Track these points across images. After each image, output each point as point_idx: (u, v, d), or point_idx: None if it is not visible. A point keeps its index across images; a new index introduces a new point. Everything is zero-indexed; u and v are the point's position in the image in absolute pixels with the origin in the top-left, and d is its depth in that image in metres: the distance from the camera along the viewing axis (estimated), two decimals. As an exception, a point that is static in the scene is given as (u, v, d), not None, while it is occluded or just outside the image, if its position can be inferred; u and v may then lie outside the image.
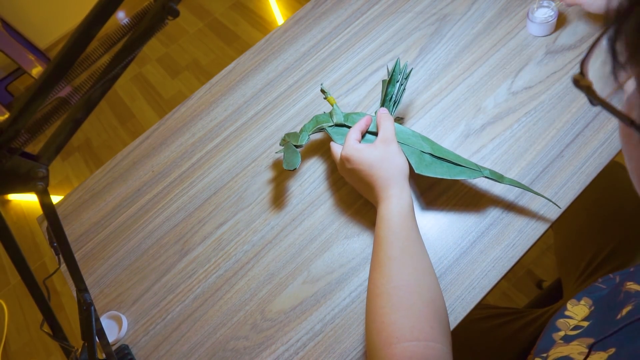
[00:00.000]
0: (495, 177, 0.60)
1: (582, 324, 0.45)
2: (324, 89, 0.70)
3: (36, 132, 0.35)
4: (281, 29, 0.92)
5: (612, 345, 0.39)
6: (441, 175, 0.60)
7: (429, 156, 0.62)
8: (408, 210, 0.55)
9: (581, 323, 0.45)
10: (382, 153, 0.59)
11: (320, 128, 0.69)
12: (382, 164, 0.58)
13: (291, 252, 0.67)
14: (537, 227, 0.61)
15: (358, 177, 0.60)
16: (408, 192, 0.57)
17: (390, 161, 0.58)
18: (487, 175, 0.60)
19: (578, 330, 0.44)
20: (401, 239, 0.52)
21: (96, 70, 0.36)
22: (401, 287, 0.48)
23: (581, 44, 0.73)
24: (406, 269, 0.50)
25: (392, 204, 0.55)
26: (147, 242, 0.74)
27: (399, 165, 0.58)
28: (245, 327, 0.63)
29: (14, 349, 1.66)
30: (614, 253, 0.73)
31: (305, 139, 0.69)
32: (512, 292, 1.30)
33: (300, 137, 0.69)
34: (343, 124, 0.68)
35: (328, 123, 0.69)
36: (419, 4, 0.86)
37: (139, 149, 0.84)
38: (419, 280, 0.49)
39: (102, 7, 0.32)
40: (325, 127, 0.69)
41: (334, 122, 0.68)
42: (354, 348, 0.58)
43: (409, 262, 0.51)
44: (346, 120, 0.68)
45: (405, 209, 0.55)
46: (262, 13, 2.30)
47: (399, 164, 0.58)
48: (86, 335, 0.52)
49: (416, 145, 0.63)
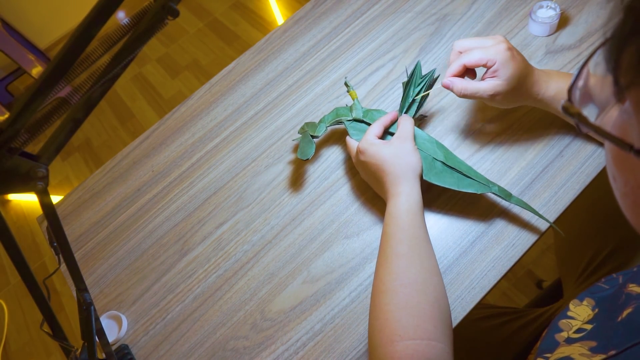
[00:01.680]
0: (504, 194, 0.60)
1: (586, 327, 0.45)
2: (348, 83, 0.70)
3: (36, 132, 0.35)
4: (281, 28, 0.92)
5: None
6: (449, 185, 0.60)
7: (440, 164, 0.62)
8: (417, 208, 0.55)
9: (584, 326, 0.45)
10: (396, 150, 0.59)
11: (338, 121, 0.70)
12: (394, 160, 0.58)
13: (291, 252, 0.67)
14: (537, 227, 0.61)
15: (370, 171, 0.61)
16: (418, 190, 0.57)
17: (402, 158, 0.58)
18: (495, 192, 0.60)
19: (581, 333, 0.44)
20: (409, 236, 0.53)
21: (96, 70, 0.36)
22: (407, 285, 0.49)
23: (581, 44, 0.73)
24: (413, 267, 0.50)
25: (401, 201, 0.55)
26: (147, 242, 0.74)
27: (412, 163, 0.58)
28: (245, 327, 0.63)
29: (14, 349, 1.66)
30: (614, 253, 0.73)
31: (323, 130, 0.69)
32: (512, 292, 1.30)
33: (318, 127, 0.70)
34: (362, 119, 0.68)
35: (347, 117, 0.69)
36: (419, 4, 0.86)
37: (139, 149, 0.84)
38: (425, 279, 0.50)
39: (102, 7, 0.32)
40: (343, 120, 0.69)
41: (352, 116, 0.69)
42: (354, 348, 0.58)
43: (416, 260, 0.51)
44: (365, 117, 0.68)
45: (414, 207, 0.55)
46: (262, 13, 2.30)
47: (412, 162, 0.58)
48: (86, 335, 0.52)
49: (430, 151, 0.62)
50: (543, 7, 0.75)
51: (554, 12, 0.74)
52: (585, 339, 0.43)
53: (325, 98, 0.80)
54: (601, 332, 0.43)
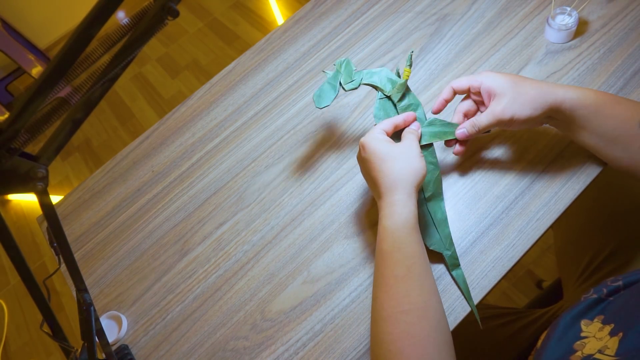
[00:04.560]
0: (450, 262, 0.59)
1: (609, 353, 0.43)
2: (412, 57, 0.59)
3: (36, 132, 0.35)
4: (281, 28, 0.92)
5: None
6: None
7: (422, 198, 0.59)
8: (414, 221, 0.52)
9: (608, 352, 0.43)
10: (399, 151, 0.54)
11: (375, 87, 0.61)
12: (394, 162, 0.53)
13: (291, 252, 0.67)
14: (537, 227, 0.61)
15: (368, 169, 0.56)
16: (414, 200, 0.52)
17: (405, 161, 0.53)
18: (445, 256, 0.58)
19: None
20: (407, 255, 0.50)
21: (96, 70, 0.36)
22: (409, 312, 0.47)
23: (581, 44, 0.73)
24: (414, 290, 0.49)
25: (397, 213, 0.51)
26: (147, 242, 0.74)
27: (414, 169, 0.53)
28: (245, 327, 0.63)
29: (14, 349, 1.66)
30: (614, 253, 0.73)
31: (354, 86, 0.61)
32: (512, 292, 1.30)
33: (355, 79, 0.60)
34: (394, 102, 0.61)
35: (385, 90, 0.60)
36: (419, 4, 0.86)
37: (139, 149, 0.84)
38: (426, 301, 0.48)
39: (102, 7, 0.32)
40: (378, 88, 0.60)
41: (388, 93, 0.61)
42: (354, 348, 0.58)
43: (416, 282, 0.49)
44: (397, 101, 0.60)
45: (411, 219, 0.51)
46: (262, 13, 2.30)
47: (415, 167, 0.53)
48: (86, 335, 0.52)
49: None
50: (561, 14, 0.73)
51: (570, 19, 0.72)
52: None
53: (326, 98, 0.80)
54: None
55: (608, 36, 0.73)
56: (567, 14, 0.73)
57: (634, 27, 0.73)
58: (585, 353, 0.42)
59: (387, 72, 0.61)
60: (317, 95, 0.60)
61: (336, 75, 0.60)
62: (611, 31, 0.73)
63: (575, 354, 0.43)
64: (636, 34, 0.72)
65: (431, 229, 0.60)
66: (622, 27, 0.73)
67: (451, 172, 0.67)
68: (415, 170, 0.53)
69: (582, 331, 0.46)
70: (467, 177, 0.66)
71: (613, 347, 0.40)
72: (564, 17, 0.73)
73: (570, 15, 0.72)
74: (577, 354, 0.43)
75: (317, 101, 0.60)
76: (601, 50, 0.72)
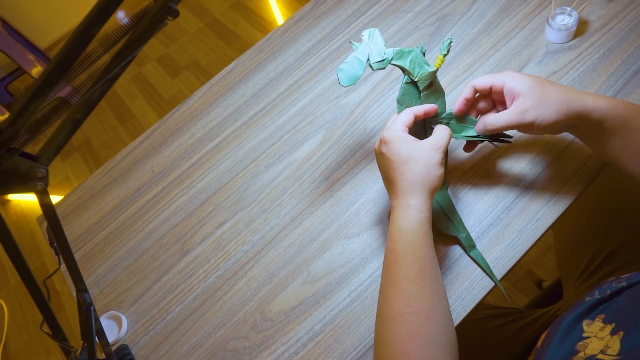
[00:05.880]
0: (466, 244, 0.60)
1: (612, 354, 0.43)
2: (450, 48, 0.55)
3: (36, 132, 0.35)
4: (281, 28, 0.92)
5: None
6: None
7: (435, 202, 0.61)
8: (427, 226, 0.52)
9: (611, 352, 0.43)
10: (422, 155, 0.53)
11: (403, 68, 0.56)
12: (414, 166, 0.52)
13: (291, 252, 0.67)
14: (537, 227, 0.61)
15: (386, 167, 0.55)
16: (429, 206, 0.53)
17: (425, 168, 0.52)
18: (461, 239, 0.60)
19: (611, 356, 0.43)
20: (420, 258, 0.50)
21: (96, 70, 0.36)
22: (418, 314, 0.48)
23: (581, 44, 0.73)
24: (424, 292, 0.49)
25: (412, 216, 0.52)
26: (147, 242, 0.74)
27: (433, 176, 0.52)
28: (245, 327, 0.63)
29: (14, 349, 1.66)
30: (614, 253, 0.73)
31: (384, 66, 0.55)
32: (512, 292, 1.30)
33: (385, 57, 0.54)
34: (419, 89, 0.57)
35: (413, 75, 0.56)
36: (419, 4, 0.86)
37: (139, 149, 0.84)
38: (435, 305, 0.49)
39: (102, 7, 0.32)
40: (406, 71, 0.56)
41: (416, 78, 0.56)
42: (354, 348, 0.58)
43: (427, 285, 0.49)
44: (423, 89, 0.57)
45: (425, 224, 0.52)
46: (262, 13, 2.30)
47: (433, 175, 0.52)
48: (86, 335, 0.52)
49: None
50: (561, 14, 0.73)
51: (571, 19, 0.72)
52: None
53: (325, 98, 0.80)
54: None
55: (608, 36, 0.73)
56: (567, 14, 0.73)
57: (634, 27, 0.73)
58: (588, 354, 0.42)
59: (417, 53, 0.56)
60: (343, 70, 0.53)
61: (364, 48, 0.54)
62: (611, 31, 0.73)
63: (577, 355, 0.43)
64: (636, 34, 0.72)
65: (442, 216, 0.60)
66: (622, 27, 0.73)
67: (451, 172, 0.67)
68: (434, 177, 0.53)
69: (584, 331, 0.46)
70: (467, 177, 0.66)
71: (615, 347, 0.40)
72: (564, 17, 0.73)
73: (570, 15, 0.72)
74: (579, 354, 0.43)
75: (341, 78, 0.53)
76: (601, 51, 0.72)
